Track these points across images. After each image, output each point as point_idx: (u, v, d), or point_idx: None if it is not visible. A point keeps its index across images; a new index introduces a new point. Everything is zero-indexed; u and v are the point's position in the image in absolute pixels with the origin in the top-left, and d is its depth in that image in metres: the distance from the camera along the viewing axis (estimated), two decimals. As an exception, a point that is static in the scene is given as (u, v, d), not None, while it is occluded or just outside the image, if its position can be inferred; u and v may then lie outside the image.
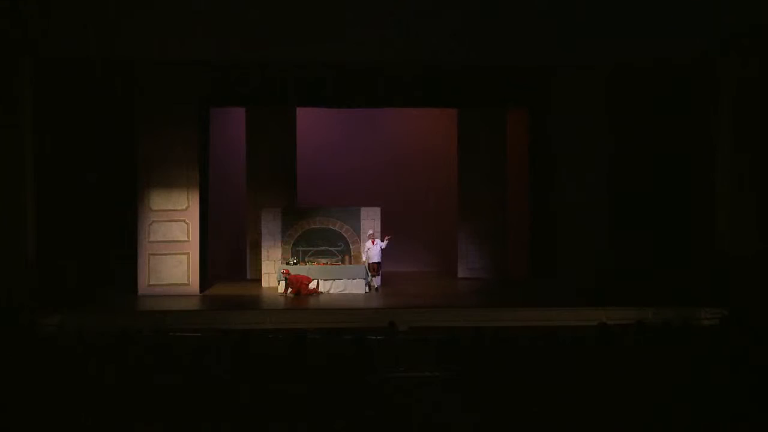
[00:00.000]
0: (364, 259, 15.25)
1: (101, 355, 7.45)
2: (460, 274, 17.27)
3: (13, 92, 12.61)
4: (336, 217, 15.91)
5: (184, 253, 14.85)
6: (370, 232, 15.33)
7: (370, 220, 15.82)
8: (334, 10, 12.15)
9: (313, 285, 14.87)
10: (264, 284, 15.70)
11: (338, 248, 15.78)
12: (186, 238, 14.88)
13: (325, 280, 15.08)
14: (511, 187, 17.14)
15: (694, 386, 6.76)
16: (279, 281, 14.91)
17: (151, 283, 14.76)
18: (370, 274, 15.12)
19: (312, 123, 17.95)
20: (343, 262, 15.61)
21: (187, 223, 14.88)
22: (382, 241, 15.12)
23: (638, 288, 14.12)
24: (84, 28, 12.30)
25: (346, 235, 15.84)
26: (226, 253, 17.52)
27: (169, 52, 13.30)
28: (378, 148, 18.54)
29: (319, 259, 15.60)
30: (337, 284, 15.05)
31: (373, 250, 15.08)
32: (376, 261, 15.11)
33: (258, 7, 12.10)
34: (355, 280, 15.06)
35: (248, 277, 16.93)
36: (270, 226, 15.82)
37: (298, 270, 15.00)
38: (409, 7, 12.06)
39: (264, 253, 15.79)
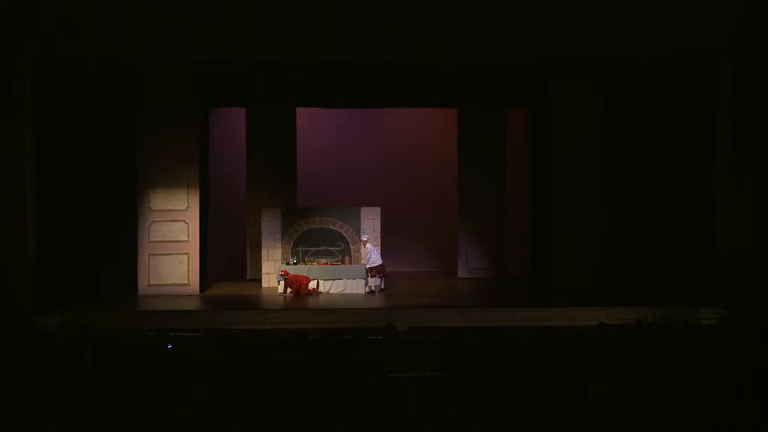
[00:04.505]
0: (366, 264, 15.10)
1: (101, 354, 7.46)
2: (460, 274, 17.27)
3: (13, 92, 12.59)
4: (336, 217, 15.91)
5: (184, 253, 14.85)
6: (364, 238, 15.24)
7: (370, 220, 15.81)
8: (335, 10, 12.16)
9: (312, 285, 14.88)
10: (264, 284, 15.70)
11: (338, 248, 15.78)
12: (186, 238, 14.89)
13: (325, 280, 15.08)
14: (510, 186, 17.14)
15: (694, 386, 6.76)
16: (279, 281, 14.91)
17: (151, 283, 14.77)
18: (371, 276, 15.04)
19: (312, 123, 17.96)
20: (343, 262, 15.61)
21: (187, 223, 14.88)
22: (365, 247, 15.08)
23: (638, 288, 14.13)
24: (84, 28, 12.29)
25: (346, 235, 15.83)
26: (226, 253, 17.51)
27: (169, 52, 13.27)
28: (378, 148, 18.54)
29: (319, 259, 15.60)
30: (337, 284, 15.05)
31: (373, 253, 14.99)
32: (380, 263, 15.05)
33: (258, 7, 12.11)
34: (355, 280, 15.06)
35: (248, 277, 16.93)
36: (270, 226, 15.82)
37: (298, 270, 15.00)
38: (410, 7, 12.07)
39: (264, 253, 15.79)
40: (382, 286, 15.04)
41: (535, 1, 12.35)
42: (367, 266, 14.99)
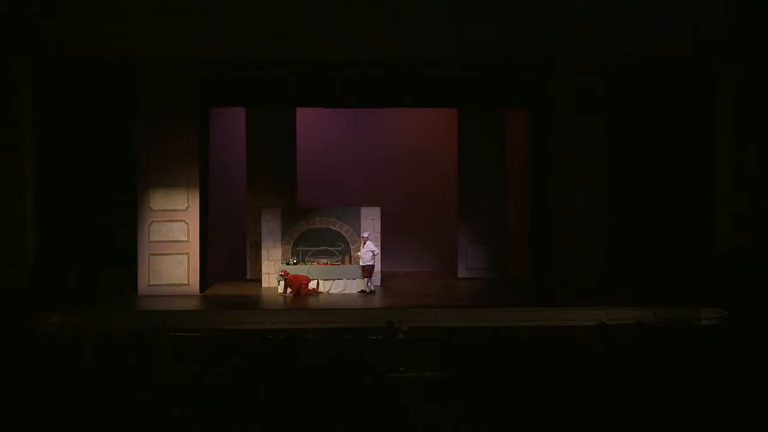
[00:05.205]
0: (361, 263, 15.05)
1: (101, 354, 7.46)
2: (460, 274, 17.26)
3: (13, 93, 12.60)
4: (336, 217, 15.91)
5: (184, 253, 14.85)
6: (365, 235, 15.18)
7: (370, 220, 15.81)
8: (335, 10, 12.17)
9: (312, 285, 14.88)
10: (264, 284, 15.70)
11: (338, 248, 15.77)
12: (186, 238, 14.88)
13: (325, 280, 15.08)
14: (510, 186, 17.13)
15: (694, 386, 6.76)
16: (279, 281, 14.91)
17: (151, 283, 14.76)
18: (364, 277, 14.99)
19: (312, 123, 17.95)
20: (343, 262, 15.60)
21: (187, 223, 14.88)
22: (364, 245, 15.01)
23: (638, 288, 14.13)
24: (83, 28, 12.30)
25: (346, 235, 15.83)
26: (226, 253, 17.51)
27: (169, 51, 13.30)
28: (378, 148, 18.52)
29: (319, 259, 15.60)
30: (337, 284, 15.05)
31: (366, 252, 14.91)
32: (369, 264, 14.93)
33: (259, 7, 12.12)
34: (355, 280, 15.06)
35: (248, 277, 16.92)
36: (270, 226, 15.81)
37: (298, 270, 15.00)
38: (410, 7, 12.08)
39: (264, 253, 15.79)
40: (367, 288, 15.00)
41: (535, 1, 12.36)
42: (361, 263, 14.97)
